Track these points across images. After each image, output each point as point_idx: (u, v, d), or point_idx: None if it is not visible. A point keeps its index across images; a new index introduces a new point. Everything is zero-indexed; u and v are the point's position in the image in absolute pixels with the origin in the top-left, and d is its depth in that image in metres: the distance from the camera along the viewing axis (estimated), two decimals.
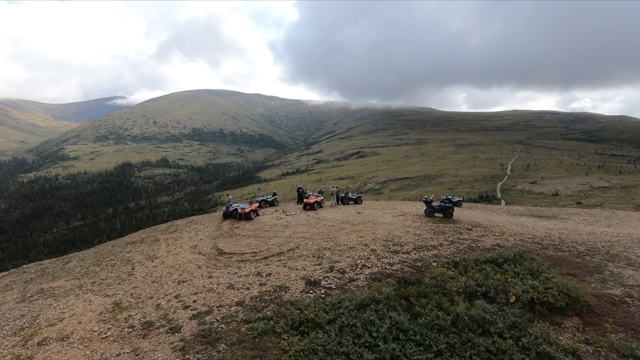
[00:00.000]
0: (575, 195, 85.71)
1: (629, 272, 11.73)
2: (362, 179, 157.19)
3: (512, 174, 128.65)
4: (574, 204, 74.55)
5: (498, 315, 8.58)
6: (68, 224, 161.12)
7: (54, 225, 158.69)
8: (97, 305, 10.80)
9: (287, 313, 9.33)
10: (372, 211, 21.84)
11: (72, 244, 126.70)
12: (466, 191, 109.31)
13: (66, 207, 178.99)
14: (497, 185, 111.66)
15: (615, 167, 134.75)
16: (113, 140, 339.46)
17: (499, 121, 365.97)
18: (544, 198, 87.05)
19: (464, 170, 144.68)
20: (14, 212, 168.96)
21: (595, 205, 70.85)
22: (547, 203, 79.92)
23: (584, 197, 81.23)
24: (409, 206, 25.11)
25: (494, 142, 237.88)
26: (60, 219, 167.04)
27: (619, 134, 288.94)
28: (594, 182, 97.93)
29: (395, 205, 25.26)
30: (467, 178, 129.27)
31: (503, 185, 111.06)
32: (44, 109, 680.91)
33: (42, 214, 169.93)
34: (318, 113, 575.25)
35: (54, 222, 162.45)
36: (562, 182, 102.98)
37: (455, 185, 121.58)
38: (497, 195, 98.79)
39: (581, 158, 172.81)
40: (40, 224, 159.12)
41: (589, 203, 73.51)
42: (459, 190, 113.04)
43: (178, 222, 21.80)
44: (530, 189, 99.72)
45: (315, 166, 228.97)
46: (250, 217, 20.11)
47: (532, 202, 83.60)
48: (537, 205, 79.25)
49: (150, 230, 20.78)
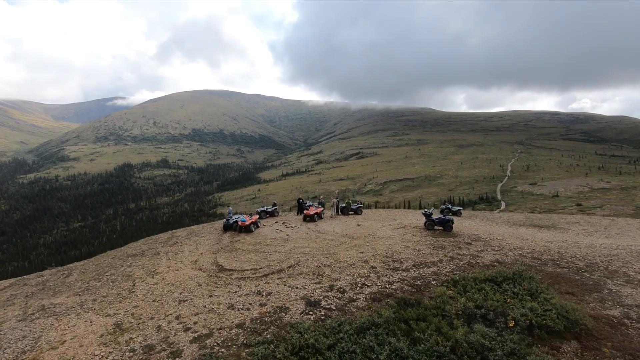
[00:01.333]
0: (575, 196, 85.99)
1: (627, 291, 11.78)
2: (362, 180, 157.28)
3: (512, 175, 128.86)
4: (573, 206, 74.76)
5: (497, 341, 8.63)
6: (68, 225, 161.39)
7: (54, 227, 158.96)
8: (98, 326, 10.85)
9: (287, 337, 9.37)
10: (371, 223, 21.85)
11: (72, 245, 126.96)
12: (466, 192, 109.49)
13: (66, 208, 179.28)
14: (497, 187, 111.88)
15: (615, 168, 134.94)
16: (113, 141, 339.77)
17: (499, 122, 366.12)
18: (544, 199, 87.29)
19: (464, 171, 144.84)
20: (14, 214, 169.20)
21: (595, 207, 71.05)
22: (547, 205, 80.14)
23: (583, 199, 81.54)
24: (409, 217, 25.14)
25: (494, 143, 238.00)
26: (61, 220, 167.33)
27: (619, 134, 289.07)
28: (594, 183, 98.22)
29: (395, 216, 25.30)
30: (467, 179, 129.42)
31: (503, 187, 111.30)
32: (44, 110, 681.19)
33: (42, 215, 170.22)
34: (318, 113, 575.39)
35: (54, 223, 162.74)
36: (562, 184, 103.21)
37: (455, 186, 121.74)
38: (497, 196, 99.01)
39: (581, 159, 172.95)
40: (40, 225, 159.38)
41: (589, 205, 73.79)
42: (459, 191, 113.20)
43: (178, 233, 21.84)
44: (530, 190, 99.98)
45: (315, 167, 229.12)
46: (251, 229, 20.18)
47: (532, 203, 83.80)
48: (536, 207, 79.45)
49: (151, 242, 20.82)
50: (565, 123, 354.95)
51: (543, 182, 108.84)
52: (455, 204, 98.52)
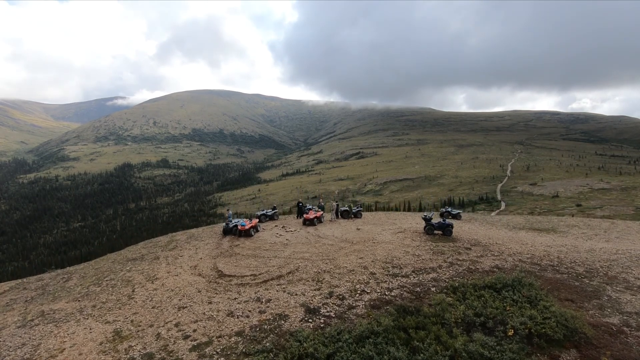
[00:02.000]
0: (575, 197, 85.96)
1: (627, 297, 11.78)
2: (362, 180, 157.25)
3: (512, 175, 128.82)
4: (573, 206, 74.74)
5: (496, 350, 8.63)
6: (68, 225, 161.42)
7: (54, 227, 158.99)
8: (98, 333, 10.85)
9: (287, 345, 9.37)
10: (371, 227, 21.75)
11: (72, 245, 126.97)
12: (466, 192, 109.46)
13: (66, 208, 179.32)
14: (497, 187, 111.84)
15: (615, 168, 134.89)
16: (113, 141, 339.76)
17: (498, 121, 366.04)
18: (544, 200, 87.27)
19: (464, 171, 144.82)
20: (14, 214, 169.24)
21: (595, 207, 71.05)
22: (547, 205, 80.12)
23: (583, 199, 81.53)
24: (409, 220, 25.14)
25: (494, 143, 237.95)
26: (61, 220, 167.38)
27: (618, 134, 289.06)
28: (594, 183, 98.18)
29: (395, 220, 25.31)
30: (467, 179, 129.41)
31: (503, 187, 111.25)
32: (44, 110, 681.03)
33: (42, 215, 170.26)
34: (318, 113, 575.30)
35: (54, 223, 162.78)
36: (562, 184, 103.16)
37: (455, 186, 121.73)
38: (497, 197, 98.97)
39: (581, 159, 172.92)
40: (40, 225, 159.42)
41: (589, 205, 73.78)
42: (459, 191, 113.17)
43: (178, 237, 21.82)
44: (530, 191, 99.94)
45: (315, 167, 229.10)
46: (250, 233, 20.11)
47: (532, 204, 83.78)
48: (536, 207, 79.44)
49: (150, 245, 20.81)
50: (565, 123, 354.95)
51: (543, 183, 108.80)
52: (455, 205, 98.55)
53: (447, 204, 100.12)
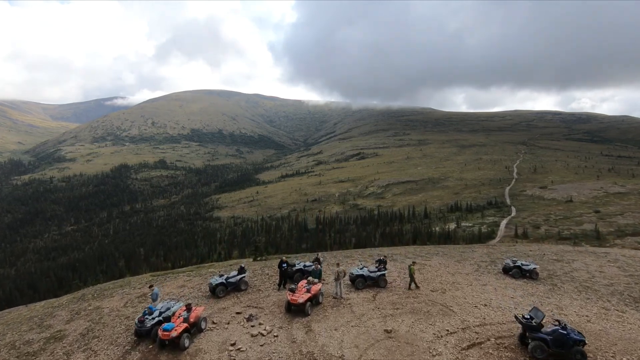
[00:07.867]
0: (591, 202, 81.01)
1: None
2: (364, 182, 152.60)
3: (519, 177, 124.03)
4: (591, 213, 69.88)
5: None
6: (60, 228, 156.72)
7: (46, 230, 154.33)
8: None
9: None
10: (411, 321, 13.36)
11: (63, 250, 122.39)
12: (473, 196, 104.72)
13: (59, 211, 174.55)
14: (505, 190, 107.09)
15: (627, 171, 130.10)
16: (111, 142, 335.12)
17: (500, 121, 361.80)
18: (557, 205, 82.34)
19: (468, 173, 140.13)
20: (5, 217, 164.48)
21: (616, 214, 66.16)
22: (562, 211, 75.24)
23: (601, 205, 76.44)
24: (477, 294, 16.17)
25: (496, 143, 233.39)
26: (53, 223, 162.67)
27: (622, 134, 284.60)
28: (608, 187, 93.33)
29: (447, 292, 16.51)
30: (472, 181, 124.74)
31: (511, 190, 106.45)
32: (42, 110, 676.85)
33: (34, 218, 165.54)
34: (318, 113, 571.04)
35: (46, 227, 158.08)
36: (573, 187, 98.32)
37: (460, 189, 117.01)
38: (507, 201, 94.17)
39: (588, 160, 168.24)
40: (32, 229, 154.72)
41: (608, 212, 68.74)
42: (466, 195, 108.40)
43: (68, 328, 14.44)
44: (541, 195, 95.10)
45: (315, 168, 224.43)
46: (181, 345, 11.72)
47: (545, 209, 78.94)
48: (551, 214, 74.57)
49: (27, 327, 14.85)
50: (567, 123, 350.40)
51: (553, 186, 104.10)
52: (462, 211, 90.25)
53: (456, 208, 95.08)
